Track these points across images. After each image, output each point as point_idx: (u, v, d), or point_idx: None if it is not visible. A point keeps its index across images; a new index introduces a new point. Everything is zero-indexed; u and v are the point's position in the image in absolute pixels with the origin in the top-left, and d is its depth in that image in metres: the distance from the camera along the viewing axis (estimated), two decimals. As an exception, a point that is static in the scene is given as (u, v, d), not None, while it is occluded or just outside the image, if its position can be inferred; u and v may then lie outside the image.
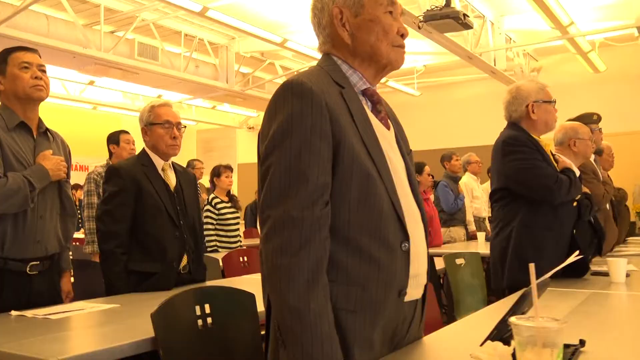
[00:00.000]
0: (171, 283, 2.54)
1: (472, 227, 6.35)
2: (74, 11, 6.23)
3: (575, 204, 2.63)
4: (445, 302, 3.91)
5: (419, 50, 8.42)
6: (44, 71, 2.20)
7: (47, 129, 2.27)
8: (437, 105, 9.84)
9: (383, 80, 7.91)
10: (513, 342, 1.03)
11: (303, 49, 6.75)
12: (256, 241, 6.98)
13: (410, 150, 1.49)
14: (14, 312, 1.99)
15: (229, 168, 5.10)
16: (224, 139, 12.14)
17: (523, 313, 1.20)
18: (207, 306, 1.79)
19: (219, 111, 11.04)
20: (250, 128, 11.60)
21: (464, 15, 4.57)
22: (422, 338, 1.43)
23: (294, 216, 1.17)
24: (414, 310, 1.37)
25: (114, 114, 10.68)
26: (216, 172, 4.98)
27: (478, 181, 6.82)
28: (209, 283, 2.78)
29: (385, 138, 1.35)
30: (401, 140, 1.44)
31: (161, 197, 2.59)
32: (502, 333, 1.22)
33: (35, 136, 2.19)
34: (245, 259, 3.73)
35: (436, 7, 4.61)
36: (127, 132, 4.23)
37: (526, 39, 7.88)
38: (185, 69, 7.56)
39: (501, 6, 7.01)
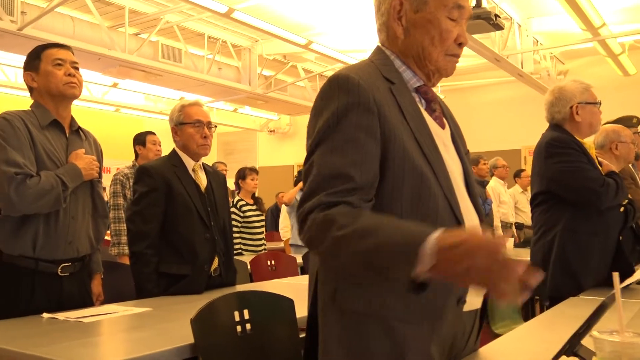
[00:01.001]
0: (202, 286, 2.48)
1: (499, 232, 6.22)
2: (99, 13, 6.23)
3: (622, 209, 2.52)
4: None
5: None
6: (77, 68, 2.15)
7: (79, 128, 2.22)
8: (461, 109, 9.66)
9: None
10: (595, 358, 0.95)
11: (328, 50, 6.69)
12: (278, 244, 6.92)
13: (468, 150, 1.41)
14: (45, 315, 1.94)
15: (254, 170, 5.05)
16: (245, 142, 12.11)
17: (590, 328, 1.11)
18: (245, 311, 1.72)
19: (240, 114, 11.01)
20: (271, 131, 11.55)
21: (496, 15, 4.46)
22: (477, 351, 1.34)
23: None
24: (473, 321, 1.28)
25: (136, 116, 10.72)
26: (242, 175, 4.93)
27: (505, 186, 6.69)
28: (239, 287, 2.71)
29: (440, 137, 1.27)
30: (458, 139, 1.35)
31: (192, 197, 2.53)
32: (573, 347, 1.13)
33: (67, 134, 2.14)
34: (273, 262, 3.66)
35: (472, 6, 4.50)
36: (153, 133, 4.20)
37: (553, 42, 7.73)
38: (209, 72, 7.53)
39: (529, 8, 6.88)
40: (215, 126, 2.69)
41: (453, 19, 1.25)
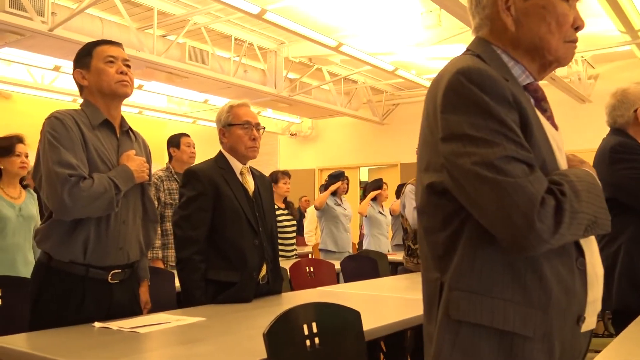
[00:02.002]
0: (251, 294, 2.39)
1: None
2: (127, 15, 6.18)
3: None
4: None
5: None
6: (129, 66, 2.06)
7: (129, 128, 2.13)
8: (488, 113, 9.55)
9: (426, 84, 7.64)
10: None
11: (358, 53, 6.58)
12: (302, 249, 6.81)
13: None
14: (97, 324, 1.85)
15: (286, 174, 4.96)
16: (265, 145, 12.02)
17: None
18: (314, 325, 1.61)
19: (262, 117, 10.93)
20: (292, 135, 11.46)
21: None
22: None
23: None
24: (588, 343, 1.16)
25: (160, 118, 10.67)
26: (274, 178, 4.83)
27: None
28: (284, 295, 2.61)
29: (555, 140, 1.16)
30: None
31: (240, 202, 2.44)
32: None
33: (118, 135, 2.05)
34: (312, 269, 3.55)
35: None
36: (187, 135, 4.12)
37: (585, 45, 7.55)
38: (235, 74, 7.46)
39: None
40: (264, 128, 2.59)
41: (566, 0, 1.15)
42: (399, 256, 5.19)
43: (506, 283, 1.05)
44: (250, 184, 2.53)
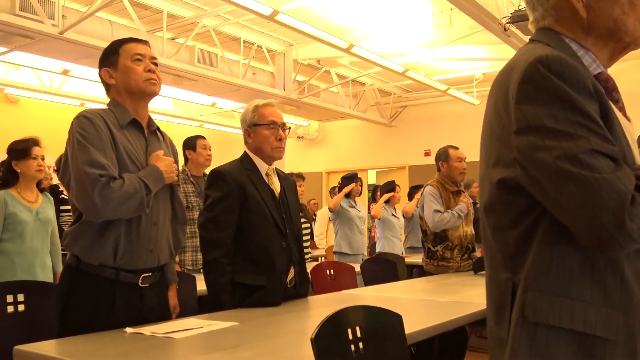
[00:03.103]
0: (280, 298, 2.33)
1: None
2: (137, 17, 6.14)
3: None
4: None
5: (477, 56, 8.13)
6: (157, 64, 2.01)
7: (157, 128, 2.08)
8: (497, 115, 9.49)
9: (443, 88, 7.62)
10: None
11: (368, 54, 6.53)
12: (314, 252, 6.75)
13: None
14: (128, 329, 1.79)
15: (300, 177, 4.91)
16: (272, 148, 11.98)
17: None
18: (357, 329, 1.55)
19: (269, 120, 10.90)
20: (299, 137, 11.41)
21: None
22: None
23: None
24: None
25: (164, 121, 10.63)
26: (288, 181, 4.76)
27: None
28: (310, 299, 2.55)
29: (629, 132, 1.10)
30: None
31: (267, 204, 2.38)
32: None
33: (146, 135, 2.00)
34: (332, 272, 3.49)
35: (525, 7, 4.32)
36: (203, 138, 4.07)
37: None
38: (244, 77, 7.42)
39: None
40: (289, 128, 2.53)
41: None
42: (413, 259, 5.13)
43: (586, 283, 1.00)
44: (276, 185, 2.48)
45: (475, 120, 9.12)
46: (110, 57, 1.96)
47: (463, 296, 2.68)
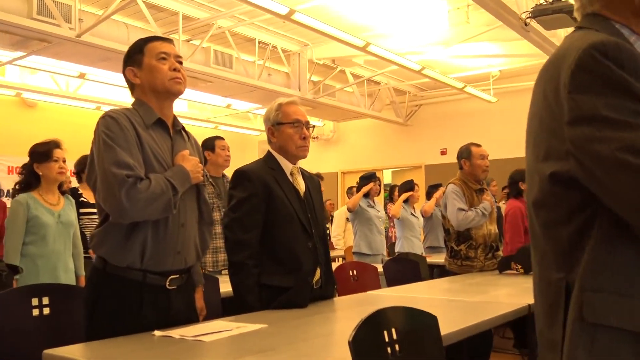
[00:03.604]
0: (307, 299, 2.29)
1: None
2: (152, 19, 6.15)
3: None
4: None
5: (493, 53, 8.05)
6: (181, 62, 1.98)
7: (182, 127, 2.05)
8: (515, 112, 9.38)
9: (459, 85, 7.53)
10: None
11: (385, 52, 6.47)
12: (337, 253, 6.71)
13: None
14: (157, 332, 1.76)
15: (320, 177, 4.85)
16: (286, 149, 11.95)
17: None
18: (393, 330, 1.51)
19: (284, 121, 10.88)
20: (314, 138, 11.37)
21: (578, 9, 4.19)
22: None
23: None
24: None
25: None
26: (307, 181, 4.72)
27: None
28: (337, 300, 2.51)
29: None
30: None
31: (292, 203, 2.34)
32: None
33: (171, 134, 1.97)
34: (355, 272, 3.45)
35: (546, 1, 4.26)
36: (222, 138, 4.04)
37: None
38: (259, 77, 7.40)
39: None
40: (314, 126, 2.49)
41: None
42: (433, 258, 5.07)
43: (633, 280, 0.94)
44: (301, 185, 2.44)
45: (492, 118, 9.13)
46: (135, 56, 1.94)
47: (492, 296, 2.62)
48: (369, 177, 5.66)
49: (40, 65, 7.07)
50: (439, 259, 5.06)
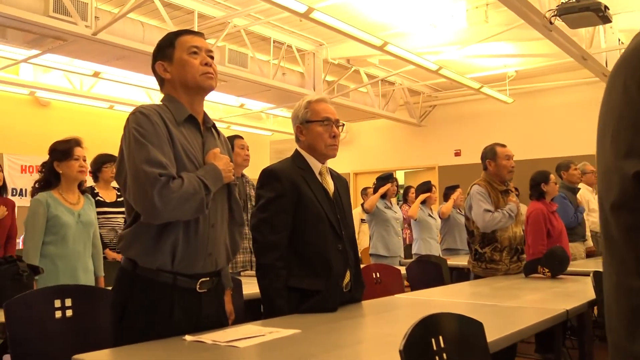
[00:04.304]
0: (337, 303, 2.22)
1: (589, 242, 5.80)
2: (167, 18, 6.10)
3: None
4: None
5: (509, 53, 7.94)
6: (213, 57, 1.91)
7: (214, 124, 1.98)
8: (530, 112, 9.28)
9: (476, 86, 7.44)
10: None
11: (403, 52, 6.39)
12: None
13: None
14: (188, 337, 1.69)
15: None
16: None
17: None
18: (440, 338, 1.43)
19: (297, 121, 10.80)
20: (326, 139, 11.30)
21: (605, 7, 4.11)
22: None
23: None
24: None
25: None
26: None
27: (594, 193, 6.26)
28: (364, 303, 2.43)
29: None
30: None
31: (322, 204, 2.27)
32: None
33: (202, 131, 1.90)
34: (378, 274, 3.37)
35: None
36: (241, 137, 3.98)
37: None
38: (274, 77, 7.33)
39: (613, 4, 6.46)
40: (343, 124, 2.42)
41: None
42: (452, 261, 4.99)
43: None
44: (330, 185, 2.37)
45: (507, 119, 9.03)
46: (165, 50, 1.87)
47: (525, 301, 2.54)
48: (386, 178, 5.58)
49: (55, 63, 7.04)
50: (457, 261, 4.98)
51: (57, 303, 2.14)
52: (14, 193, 8.16)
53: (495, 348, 1.64)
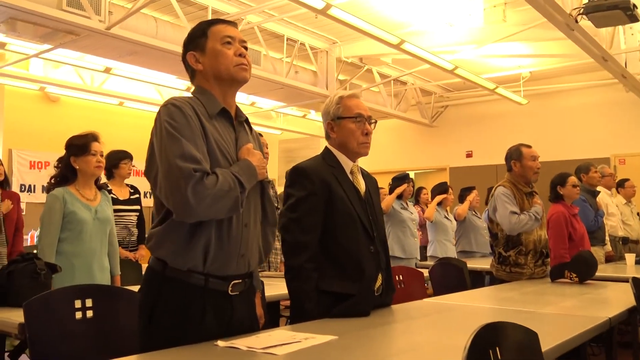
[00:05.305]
0: (370, 307, 2.13)
1: (608, 247, 5.68)
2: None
3: None
4: None
5: (523, 53, 7.84)
6: (246, 48, 1.82)
7: (246, 119, 1.89)
8: (545, 114, 9.16)
9: (491, 86, 7.34)
10: None
11: (419, 51, 6.29)
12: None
13: None
14: (220, 342, 1.60)
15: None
16: (306, 148, 11.78)
17: None
18: (497, 349, 1.33)
19: (306, 120, 10.71)
20: (336, 138, 11.19)
21: (634, 6, 4.00)
22: None
23: None
24: None
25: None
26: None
27: (612, 196, 6.15)
28: (394, 307, 2.33)
29: None
30: None
31: (353, 204, 2.18)
32: None
33: (234, 126, 1.81)
34: (401, 277, 3.28)
35: (602, -4, 4.05)
36: (260, 135, 3.86)
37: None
38: (287, 75, 7.24)
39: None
40: (375, 121, 2.33)
41: None
42: (468, 263, 4.88)
43: None
44: (361, 184, 2.27)
45: (520, 120, 8.93)
46: (198, 40, 1.78)
47: (561, 308, 2.43)
48: (402, 178, 5.48)
49: (66, 59, 6.97)
50: (473, 264, 4.87)
51: (78, 303, 2.05)
52: (23, 189, 8.10)
53: (547, 359, 1.54)
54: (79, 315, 2.04)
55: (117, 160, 4.30)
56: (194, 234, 1.63)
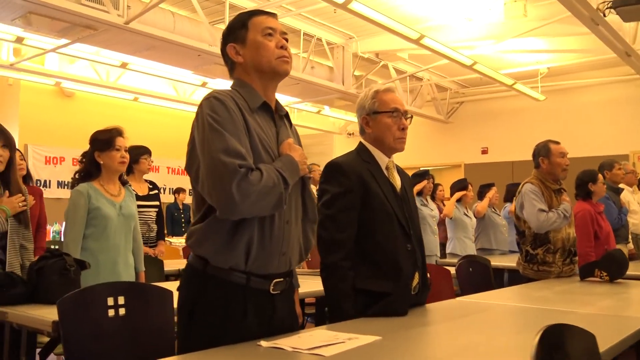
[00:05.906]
0: (407, 307, 2.08)
1: (630, 245, 5.60)
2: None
3: None
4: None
5: (541, 48, 7.75)
6: (287, 40, 1.77)
7: (287, 113, 1.84)
8: (563, 110, 9.06)
9: (510, 82, 7.25)
10: None
11: (439, 46, 6.22)
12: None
13: None
14: (263, 343, 1.55)
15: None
16: (320, 145, 11.73)
17: None
18: (560, 353, 1.28)
19: (321, 116, 10.66)
20: (349, 134, 11.14)
21: (663, -1, 3.92)
22: None
23: None
24: None
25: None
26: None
27: (634, 193, 6.05)
28: (429, 307, 2.28)
29: None
30: None
31: (389, 201, 2.13)
32: None
33: (275, 120, 1.76)
34: (429, 275, 3.21)
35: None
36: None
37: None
38: (304, 70, 7.20)
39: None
40: (412, 116, 2.27)
41: None
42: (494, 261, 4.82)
43: None
44: (397, 181, 2.22)
45: (537, 116, 8.85)
46: (238, 32, 1.73)
47: (600, 308, 2.37)
48: (422, 175, 5.43)
49: (82, 54, 6.95)
50: (492, 261, 4.80)
51: (110, 301, 2.02)
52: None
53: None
54: (111, 312, 2.01)
55: (138, 155, 4.27)
56: (236, 232, 1.58)
